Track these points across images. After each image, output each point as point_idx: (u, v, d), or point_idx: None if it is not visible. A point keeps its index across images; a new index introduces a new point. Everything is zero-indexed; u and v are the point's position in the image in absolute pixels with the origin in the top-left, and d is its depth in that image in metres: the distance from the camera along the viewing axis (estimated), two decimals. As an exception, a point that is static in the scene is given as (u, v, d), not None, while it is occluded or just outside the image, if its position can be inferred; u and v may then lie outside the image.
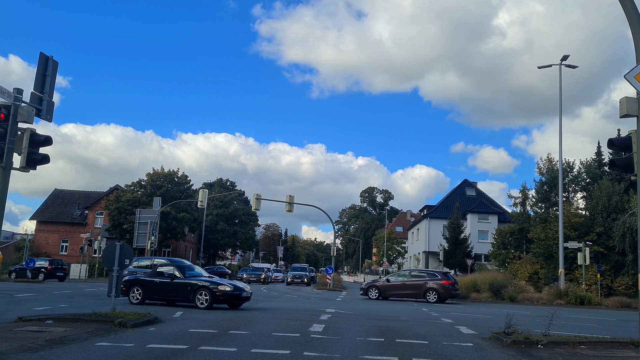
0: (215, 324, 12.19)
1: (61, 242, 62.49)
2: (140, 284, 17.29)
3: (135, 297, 17.11)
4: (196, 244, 71.96)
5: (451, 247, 55.15)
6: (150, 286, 17.19)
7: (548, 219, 40.00)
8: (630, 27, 9.57)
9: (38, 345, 8.25)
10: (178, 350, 8.34)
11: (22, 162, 11.25)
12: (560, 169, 33.85)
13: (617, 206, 35.71)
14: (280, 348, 8.84)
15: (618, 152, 21.83)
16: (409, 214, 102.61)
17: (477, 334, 12.30)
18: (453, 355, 9.04)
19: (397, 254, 79.96)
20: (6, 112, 11.06)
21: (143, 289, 17.15)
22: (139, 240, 41.58)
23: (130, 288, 17.28)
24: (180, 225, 55.93)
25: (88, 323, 11.00)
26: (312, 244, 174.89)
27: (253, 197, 39.58)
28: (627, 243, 32.41)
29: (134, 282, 17.44)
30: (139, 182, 56.63)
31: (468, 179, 76.06)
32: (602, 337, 11.45)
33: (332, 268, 42.08)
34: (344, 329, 12.05)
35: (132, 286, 17.28)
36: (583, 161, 44.62)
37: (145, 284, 17.29)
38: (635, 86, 9.19)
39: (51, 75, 11.90)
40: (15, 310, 13.63)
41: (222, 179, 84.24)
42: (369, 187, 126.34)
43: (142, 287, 17.19)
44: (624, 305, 28.33)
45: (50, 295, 21.08)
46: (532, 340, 10.38)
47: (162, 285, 17.01)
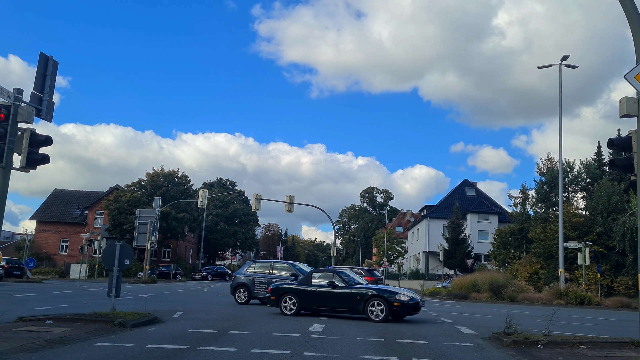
0: (215, 324, 12.19)
1: (61, 242, 62.51)
2: (294, 293, 15.54)
3: (288, 307, 15.46)
4: (196, 244, 71.96)
5: (451, 247, 55.17)
6: (307, 295, 15.40)
7: (548, 219, 40.00)
8: (630, 26, 9.57)
9: (38, 345, 8.25)
10: (178, 350, 8.34)
11: (22, 162, 11.25)
12: (560, 169, 33.85)
13: (617, 206, 35.72)
14: (280, 348, 8.83)
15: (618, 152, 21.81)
16: (409, 214, 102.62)
17: (477, 334, 12.29)
18: (453, 355, 9.04)
19: (397, 254, 79.91)
20: (6, 112, 11.06)
21: (298, 298, 15.44)
22: (139, 240, 41.61)
23: (282, 297, 15.63)
24: (180, 225, 55.94)
25: (88, 323, 11.00)
26: (312, 244, 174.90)
27: (253, 197, 39.59)
28: (627, 243, 32.41)
29: (287, 291, 15.67)
30: (139, 182, 56.67)
31: (468, 179, 76.16)
32: (602, 337, 11.45)
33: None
34: (343, 329, 12.05)
35: (283, 295, 15.63)
36: (583, 161, 44.69)
37: (301, 293, 15.48)
38: (635, 86, 9.19)
39: (51, 75, 11.90)
40: (15, 310, 13.63)
41: (222, 179, 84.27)
42: (369, 187, 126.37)
43: (296, 297, 15.46)
44: (624, 305, 28.32)
45: (50, 295, 21.08)
46: (532, 340, 10.38)
47: (322, 295, 15.19)
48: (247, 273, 20.60)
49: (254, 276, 20.23)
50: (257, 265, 21.26)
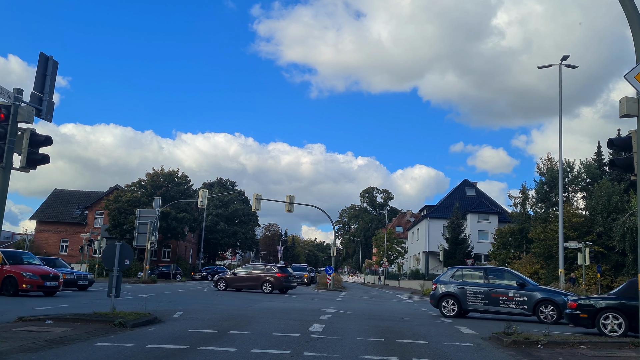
0: (215, 324, 12.18)
1: (61, 242, 62.53)
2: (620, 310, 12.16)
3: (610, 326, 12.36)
4: (196, 244, 71.95)
5: (451, 247, 55.17)
6: None
7: (548, 219, 40.00)
8: (630, 26, 9.56)
9: (38, 345, 8.25)
10: (178, 350, 8.34)
11: (22, 162, 11.25)
12: (560, 169, 33.82)
13: (617, 206, 35.71)
14: (280, 348, 8.83)
15: (618, 152, 21.84)
16: (409, 214, 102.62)
17: (477, 334, 12.30)
18: (453, 355, 9.04)
19: (397, 254, 79.94)
20: (6, 112, 11.06)
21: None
22: (139, 240, 41.56)
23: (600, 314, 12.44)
24: (180, 225, 55.93)
25: (88, 323, 10.99)
26: (312, 244, 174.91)
27: (253, 197, 39.59)
28: (627, 243, 32.40)
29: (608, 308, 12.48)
30: (139, 182, 56.65)
31: (468, 179, 76.14)
32: (602, 337, 11.45)
33: (332, 268, 42.09)
34: (344, 329, 12.05)
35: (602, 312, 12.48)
36: (583, 161, 44.69)
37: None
38: (635, 86, 9.19)
39: (51, 75, 11.89)
40: (15, 310, 13.62)
41: (222, 179, 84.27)
42: (369, 187, 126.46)
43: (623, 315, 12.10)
44: (624, 305, 28.31)
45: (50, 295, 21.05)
46: (532, 340, 10.38)
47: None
48: (453, 281, 17.92)
49: (464, 285, 17.60)
50: (464, 272, 18.47)
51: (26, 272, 19.31)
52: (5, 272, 19.16)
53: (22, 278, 19.07)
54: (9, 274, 19.16)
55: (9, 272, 19.20)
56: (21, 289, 19.13)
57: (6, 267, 19.40)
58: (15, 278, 19.10)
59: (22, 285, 19.05)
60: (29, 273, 19.32)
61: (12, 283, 19.06)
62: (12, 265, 19.58)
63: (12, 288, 19.00)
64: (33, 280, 19.21)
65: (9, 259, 19.97)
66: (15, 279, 19.09)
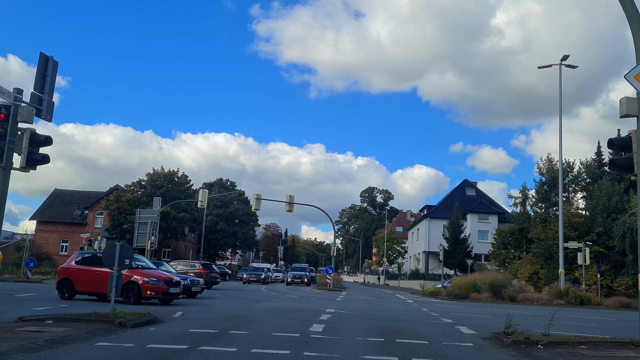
0: (215, 324, 12.18)
1: (61, 242, 62.51)
2: None
3: None
4: (196, 244, 71.95)
5: (451, 247, 55.18)
6: None
7: (548, 219, 40.01)
8: (630, 26, 9.56)
9: (38, 345, 8.25)
10: (178, 351, 8.34)
11: (22, 162, 11.25)
12: (560, 169, 33.85)
13: (617, 206, 35.72)
14: (280, 348, 8.83)
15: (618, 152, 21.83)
16: (409, 214, 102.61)
17: (477, 334, 12.29)
18: (453, 355, 9.04)
19: (397, 254, 79.94)
20: (6, 112, 11.06)
21: None
22: (139, 240, 41.52)
23: None
24: (180, 225, 55.94)
25: (88, 323, 10.99)
26: (312, 244, 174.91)
27: (253, 197, 39.60)
28: (627, 243, 32.40)
29: None
30: (139, 182, 56.65)
31: (468, 179, 76.15)
32: (602, 337, 11.45)
33: (332, 268, 42.09)
34: (344, 329, 12.05)
35: None
36: (583, 161, 44.70)
37: None
38: (635, 86, 9.18)
39: (51, 75, 11.89)
40: (15, 310, 13.62)
41: (222, 179, 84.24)
42: (369, 187, 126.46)
43: None
44: (624, 305, 28.34)
45: (50, 295, 21.04)
46: (532, 340, 10.38)
47: None
48: None
49: None
50: None
51: (149, 278, 17.16)
52: (125, 277, 16.55)
53: (146, 284, 16.95)
54: (131, 280, 16.93)
55: (130, 277, 16.95)
56: (145, 297, 16.98)
57: (124, 272, 16.62)
58: (137, 284, 16.92)
59: (146, 292, 16.92)
60: (153, 278, 17.18)
61: (135, 290, 16.91)
62: (132, 269, 17.18)
63: (134, 295, 16.84)
64: (157, 286, 17.07)
65: None
66: (138, 286, 16.91)
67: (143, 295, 16.92)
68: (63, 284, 18.13)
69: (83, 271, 17.97)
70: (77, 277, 17.95)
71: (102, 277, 16.73)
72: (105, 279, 16.35)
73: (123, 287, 16.20)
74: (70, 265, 18.54)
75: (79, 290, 17.90)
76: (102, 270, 16.73)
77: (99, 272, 17.23)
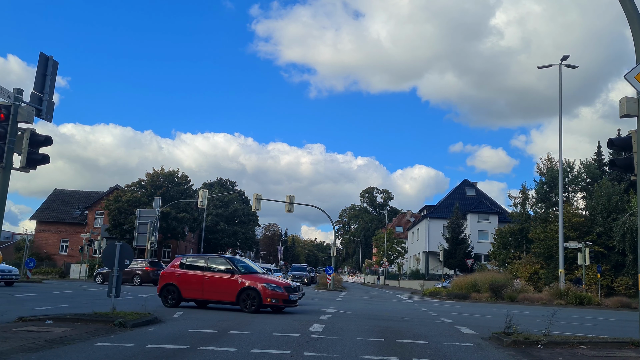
0: (215, 324, 12.18)
1: (61, 242, 62.52)
2: None
3: None
4: (196, 244, 71.97)
5: (451, 247, 55.17)
6: None
7: (548, 219, 40.01)
8: (630, 26, 9.56)
9: (38, 345, 8.25)
10: (178, 351, 8.34)
11: (22, 162, 11.25)
12: (560, 169, 33.85)
13: (617, 206, 35.72)
14: (280, 348, 8.83)
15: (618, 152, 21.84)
16: (409, 214, 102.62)
17: (477, 334, 12.29)
18: (453, 355, 9.04)
19: (397, 254, 79.94)
20: (6, 112, 11.06)
21: None
22: (139, 240, 41.61)
23: None
24: (180, 225, 55.94)
25: (88, 323, 10.99)
26: (312, 244, 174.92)
27: (253, 197, 39.59)
28: (627, 243, 32.41)
29: None
30: (139, 182, 56.67)
31: (468, 179, 76.16)
32: (602, 337, 11.44)
33: (332, 268, 42.08)
34: (344, 329, 12.05)
35: None
36: (583, 161, 44.71)
37: None
38: (636, 86, 9.19)
39: (51, 75, 11.89)
40: (15, 310, 13.62)
41: (222, 179, 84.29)
42: (369, 187, 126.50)
43: None
44: (624, 305, 28.34)
45: (50, 295, 21.07)
46: (532, 340, 10.37)
47: None
48: None
49: None
50: None
51: (268, 284, 15.75)
52: (241, 284, 15.67)
53: (266, 291, 15.51)
54: (248, 286, 15.65)
55: (248, 283, 15.72)
56: (265, 304, 15.60)
57: (238, 277, 15.87)
58: (257, 291, 15.52)
59: (267, 299, 15.48)
60: (272, 284, 15.78)
61: (253, 297, 15.55)
62: (246, 274, 16.09)
63: (253, 303, 15.52)
64: (278, 293, 15.64)
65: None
66: (257, 293, 15.50)
67: (263, 302, 15.49)
68: (167, 290, 16.63)
69: (190, 276, 16.46)
70: (184, 282, 16.44)
71: (213, 283, 15.99)
72: (217, 285, 15.95)
73: (239, 294, 15.59)
74: (175, 269, 16.94)
75: (185, 297, 16.48)
76: (215, 276, 16.05)
77: (210, 278, 16.10)
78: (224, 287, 15.90)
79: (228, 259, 16.88)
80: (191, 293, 16.43)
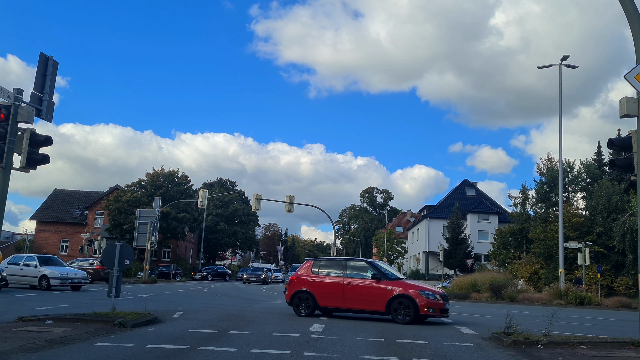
0: (215, 324, 12.18)
1: (61, 242, 62.54)
2: None
3: None
4: (196, 244, 71.98)
5: (451, 247, 55.20)
6: None
7: (548, 219, 40.03)
8: (630, 26, 9.56)
9: (38, 345, 8.25)
10: (178, 351, 8.34)
11: (22, 162, 11.25)
12: (560, 169, 33.86)
13: (617, 206, 35.74)
14: (280, 348, 8.83)
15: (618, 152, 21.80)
16: (409, 214, 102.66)
17: (477, 334, 12.29)
18: (453, 355, 9.04)
19: (397, 254, 79.95)
20: (6, 112, 11.06)
21: None
22: (139, 240, 41.59)
23: None
24: (181, 225, 55.95)
25: (88, 323, 11.00)
26: (312, 244, 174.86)
27: (253, 197, 39.60)
28: (627, 243, 32.43)
29: None
30: (139, 182, 56.69)
31: (468, 179, 76.21)
32: (602, 337, 11.44)
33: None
34: (344, 329, 12.05)
35: None
36: (583, 161, 44.75)
37: None
38: (636, 86, 9.18)
39: (51, 75, 11.90)
40: (15, 310, 13.62)
41: (222, 179, 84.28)
42: (369, 187, 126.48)
43: None
44: (624, 305, 28.34)
45: (50, 295, 21.08)
46: (532, 340, 10.37)
47: None
48: None
49: None
50: None
51: (424, 291, 14.25)
52: (391, 292, 14.17)
53: (422, 299, 13.96)
54: (402, 294, 14.08)
55: (401, 290, 14.18)
56: (421, 315, 14.01)
57: (386, 284, 14.36)
58: (413, 300, 13.96)
59: (424, 309, 13.93)
60: (428, 292, 14.29)
61: (408, 306, 13.98)
62: (394, 281, 14.58)
63: (408, 313, 13.95)
64: (435, 302, 14.15)
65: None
66: (413, 302, 13.94)
67: (420, 313, 13.86)
68: (299, 297, 15.20)
69: (328, 283, 15.00)
70: (320, 289, 14.99)
71: (356, 290, 14.55)
72: (362, 293, 14.46)
73: (390, 303, 14.09)
74: (307, 275, 15.40)
75: (323, 305, 15.00)
76: (358, 283, 14.62)
77: (352, 285, 14.63)
78: (370, 295, 14.38)
79: (369, 263, 15.45)
80: (329, 301, 14.92)
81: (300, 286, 15.30)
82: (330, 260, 16.33)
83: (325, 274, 15.30)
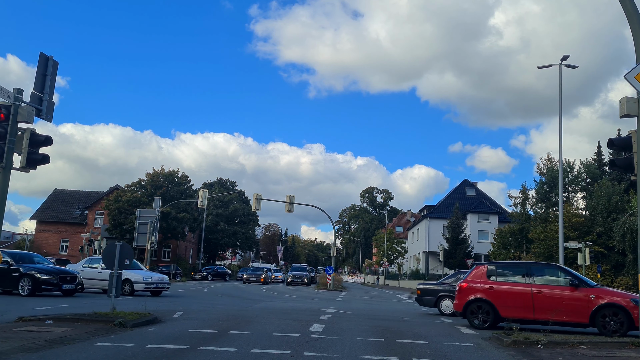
0: (215, 324, 12.18)
1: (61, 242, 62.54)
2: None
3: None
4: (196, 244, 71.97)
5: (451, 247, 55.18)
6: None
7: (548, 219, 40.03)
8: (630, 26, 9.56)
9: (38, 345, 8.25)
10: (178, 350, 8.34)
11: (22, 162, 11.25)
12: (560, 169, 33.82)
13: (617, 206, 35.75)
14: (280, 348, 8.83)
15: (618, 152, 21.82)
16: (409, 214, 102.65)
17: (477, 334, 12.29)
18: (453, 355, 9.04)
19: (397, 254, 79.94)
20: (6, 112, 11.06)
21: None
22: (139, 240, 41.57)
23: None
24: (181, 225, 55.95)
25: (88, 323, 10.99)
26: (312, 244, 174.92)
27: (253, 197, 39.63)
28: (627, 243, 32.43)
29: None
30: (139, 182, 56.68)
31: (468, 179, 76.19)
32: (602, 337, 11.45)
33: (332, 268, 42.12)
34: (344, 329, 12.05)
35: None
36: (583, 161, 44.76)
37: None
38: (635, 86, 9.18)
39: (51, 75, 11.89)
40: (15, 310, 13.62)
41: (222, 179, 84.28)
42: (369, 187, 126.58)
43: None
44: (624, 305, 28.33)
45: (50, 295, 21.03)
46: (532, 340, 10.37)
47: None
48: None
49: None
50: None
51: (636, 300, 12.16)
52: (594, 301, 12.52)
53: (635, 310, 12.04)
54: (608, 304, 12.46)
55: (604, 300, 12.55)
56: (633, 328, 12.13)
57: (587, 291, 12.77)
58: (625, 310, 12.29)
59: None
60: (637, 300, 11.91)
61: (620, 318, 12.33)
62: (595, 288, 13.03)
63: (621, 324, 12.26)
64: None
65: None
66: (625, 313, 12.27)
67: (636, 325, 11.64)
68: (475, 307, 13.58)
69: (512, 291, 13.35)
70: (501, 298, 13.31)
71: (550, 299, 12.84)
72: (557, 302, 12.72)
73: (594, 313, 12.50)
74: (482, 281, 13.74)
75: (505, 316, 13.22)
76: (552, 291, 12.95)
77: (544, 293, 12.94)
78: (569, 304, 12.71)
79: (562, 268, 14.02)
80: (514, 311, 13.11)
81: (474, 294, 13.59)
82: (508, 265, 15.11)
83: (504, 280, 13.63)
